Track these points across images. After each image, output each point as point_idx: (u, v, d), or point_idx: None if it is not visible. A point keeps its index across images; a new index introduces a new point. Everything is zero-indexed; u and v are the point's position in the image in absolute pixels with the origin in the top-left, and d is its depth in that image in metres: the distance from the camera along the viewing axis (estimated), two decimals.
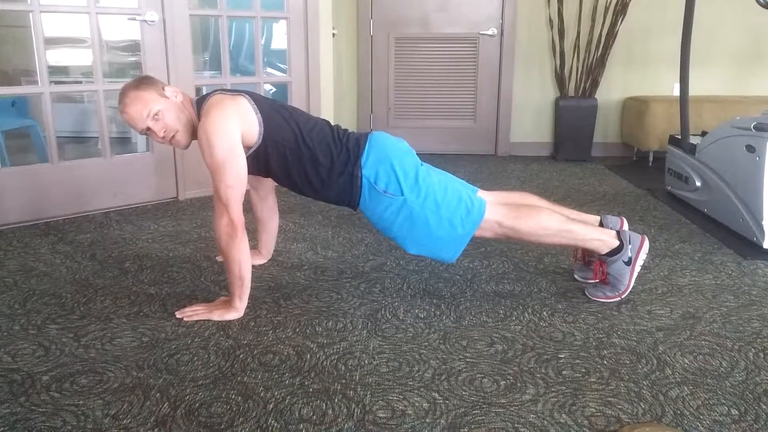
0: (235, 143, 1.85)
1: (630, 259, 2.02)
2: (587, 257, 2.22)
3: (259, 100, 1.96)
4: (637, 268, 2.05)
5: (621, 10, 4.44)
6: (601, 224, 2.18)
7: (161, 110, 1.90)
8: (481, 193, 2.12)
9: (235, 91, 1.97)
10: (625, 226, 2.21)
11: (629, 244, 2.02)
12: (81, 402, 1.47)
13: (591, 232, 2.03)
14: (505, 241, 2.17)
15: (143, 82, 1.94)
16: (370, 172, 1.94)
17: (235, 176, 1.84)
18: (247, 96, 1.94)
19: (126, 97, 1.91)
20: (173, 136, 1.95)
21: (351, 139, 2.00)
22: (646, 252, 2.06)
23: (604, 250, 2.03)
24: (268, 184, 2.29)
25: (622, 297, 2.06)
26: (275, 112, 1.97)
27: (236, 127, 1.86)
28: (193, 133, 1.97)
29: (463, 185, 2.11)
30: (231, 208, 1.84)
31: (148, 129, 1.92)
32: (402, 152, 2.00)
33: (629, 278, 2.04)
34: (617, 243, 2.02)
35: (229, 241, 1.85)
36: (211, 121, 1.84)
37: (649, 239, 2.09)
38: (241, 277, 1.90)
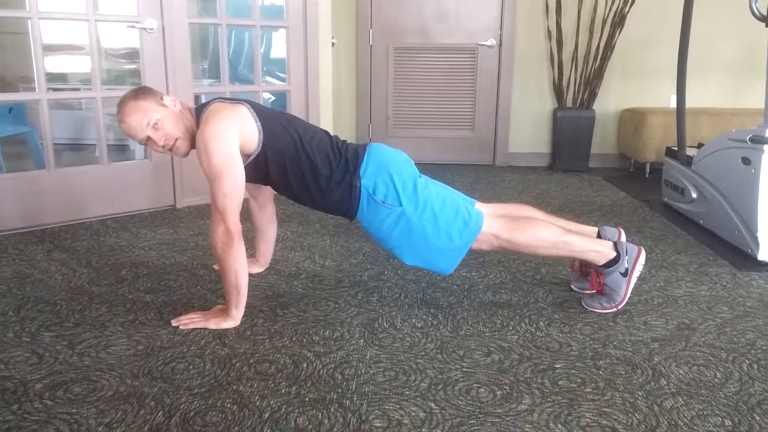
0: (233, 151, 1.85)
1: (627, 270, 2.03)
2: (584, 268, 2.22)
3: (258, 109, 1.97)
4: (634, 279, 2.05)
5: (619, 22, 4.47)
6: (599, 235, 2.18)
7: (160, 119, 1.91)
8: (479, 206, 2.13)
9: (234, 100, 1.98)
10: (623, 238, 2.22)
11: (626, 255, 2.03)
12: (74, 410, 1.46)
13: (588, 244, 2.03)
14: (502, 252, 2.18)
15: (141, 92, 1.95)
16: (369, 183, 1.95)
17: (233, 185, 1.84)
18: (246, 104, 1.95)
19: (125, 107, 1.91)
20: (173, 144, 1.95)
21: (350, 150, 2.01)
22: (643, 263, 2.06)
23: (601, 261, 2.03)
24: (267, 192, 2.29)
25: (619, 308, 2.06)
26: (275, 120, 1.98)
27: (234, 136, 1.86)
28: (192, 141, 1.98)
29: (461, 197, 2.12)
30: (228, 216, 1.84)
31: (148, 138, 1.93)
32: (401, 163, 2.00)
33: (626, 289, 2.04)
34: (614, 254, 2.02)
35: (226, 250, 1.85)
36: (210, 129, 1.84)
37: (645, 250, 2.10)
38: (238, 286, 1.89)
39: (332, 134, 2.09)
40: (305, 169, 1.96)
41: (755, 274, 2.45)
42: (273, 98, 4.85)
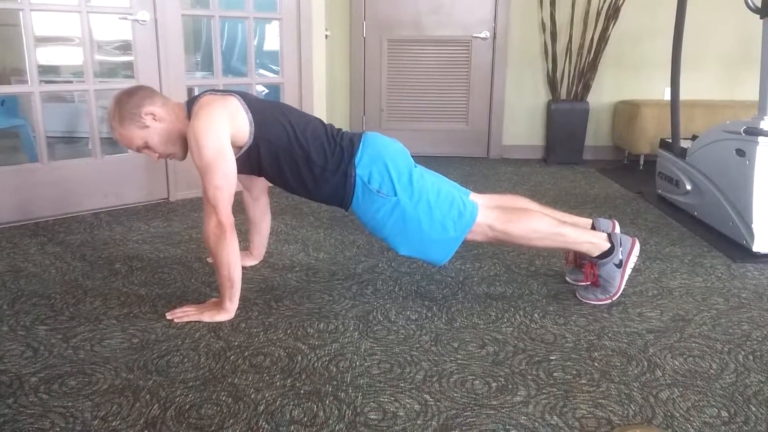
0: (224, 144, 1.84)
1: (621, 261, 2.03)
2: (579, 260, 2.23)
3: (250, 100, 1.96)
4: (628, 271, 2.06)
5: (613, 14, 4.47)
6: (593, 227, 2.19)
7: (146, 141, 1.94)
8: (474, 197, 2.13)
9: (225, 92, 1.97)
10: (617, 229, 2.22)
11: (620, 246, 2.03)
12: (70, 403, 1.46)
13: (582, 235, 2.04)
14: (496, 243, 2.18)
15: (124, 115, 1.90)
16: (364, 172, 1.94)
17: (224, 177, 1.83)
18: (237, 96, 1.94)
19: (114, 132, 1.95)
20: (167, 156, 2.01)
21: (345, 138, 2.00)
22: (637, 255, 2.07)
23: (595, 253, 2.03)
24: (261, 184, 2.28)
25: (613, 299, 2.06)
26: (267, 110, 1.97)
27: (225, 128, 1.85)
28: (186, 143, 1.97)
29: (456, 188, 2.12)
30: (219, 208, 1.83)
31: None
32: (396, 153, 1.99)
33: (620, 281, 2.05)
34: (608, 246, 2.02)
35: (218, 243, 1.84)
36: (200, 122, 1.83)
37: (639, 242, 2.10)
38: (231, 279, 1.89)
39: (327, 123, 2.08)
40: (299, 159, 1.95)
41: (750, 266, 2.46)
42: (266, 91, 4.83)
